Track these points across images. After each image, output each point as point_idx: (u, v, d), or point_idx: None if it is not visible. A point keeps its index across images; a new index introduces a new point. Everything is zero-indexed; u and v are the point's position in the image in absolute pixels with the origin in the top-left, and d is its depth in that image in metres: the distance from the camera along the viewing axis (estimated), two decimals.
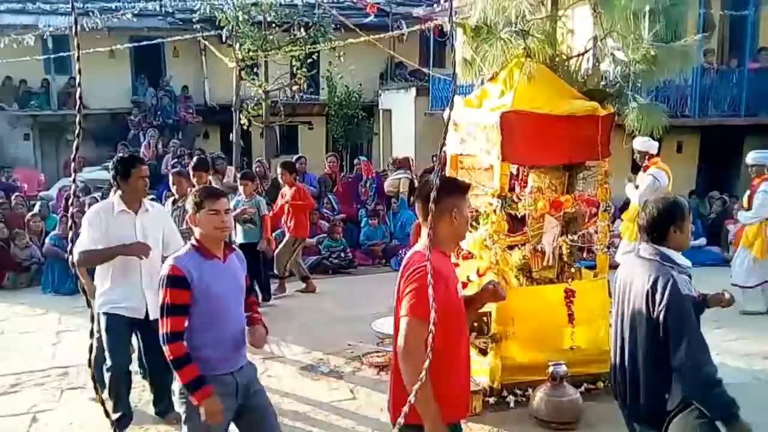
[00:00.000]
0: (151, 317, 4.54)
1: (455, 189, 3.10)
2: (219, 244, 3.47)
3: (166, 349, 3.29)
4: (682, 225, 3.29)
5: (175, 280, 3.30)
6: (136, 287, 4.65)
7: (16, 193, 12.64)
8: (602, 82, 5.87)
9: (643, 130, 5.56)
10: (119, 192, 4.69)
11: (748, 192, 8.20)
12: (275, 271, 8.96)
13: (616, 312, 3.37)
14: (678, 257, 3.28)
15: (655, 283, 3.10)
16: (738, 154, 14.39)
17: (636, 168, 8.91)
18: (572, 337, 5.45)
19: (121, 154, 4.88)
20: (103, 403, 3.27)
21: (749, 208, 8.01)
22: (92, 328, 1.97)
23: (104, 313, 4.64)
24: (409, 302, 2.86)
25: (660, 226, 3.28)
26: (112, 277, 4.64)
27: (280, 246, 9.02)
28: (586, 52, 5.78)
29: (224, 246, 3.52)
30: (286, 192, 9.04)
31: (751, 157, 8.11)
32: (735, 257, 8.39)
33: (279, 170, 9.28)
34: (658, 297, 3.07)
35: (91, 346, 1.93)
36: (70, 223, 3.58)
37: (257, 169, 11.76)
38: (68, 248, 4.76)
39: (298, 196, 8.95)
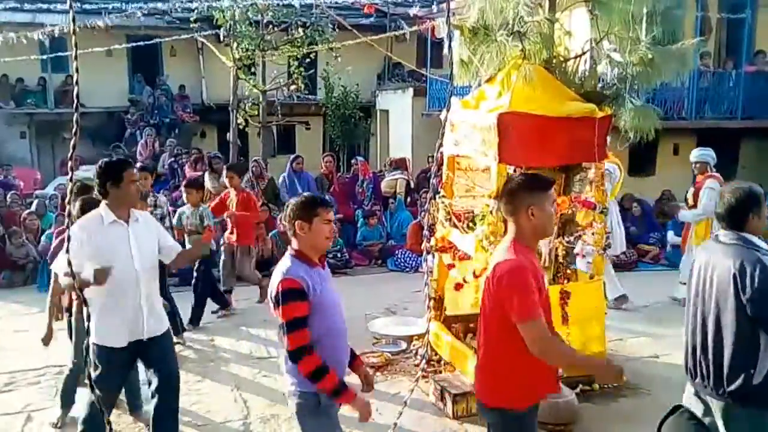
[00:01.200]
0: (146, 338, 4.16)
1: (535, 185, 3.16)
2: (321, 253, 3.44)
3: (299, 366, 3.21)
4: (759, 211, 3.37)
5: (294, 293, 3.18)
6: (135, 310, 4.11)
7: (12, 191, 12.61)
8: (599, 85, 5.88)
9: (638, 131, 5.58)
10: (106, 201, 4.11)
11: (692, 189, 8.21)
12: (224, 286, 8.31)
13: (695, 297, 3.42)
14: (759, 241, 3.35)
15: (742, 266, 3.15)
16: (734, 157, 14.45)
17: (633, 170, 8.92)
18: (567, 339, 5.45)
19: (106, 159, 4.27)
20: (98, 401, 3.29)
21: (694, 206, 8.05)
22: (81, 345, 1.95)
23: (97, 345, 4.07)
24: (519, 308, 2.96)
25: (739, 212, 3.35)
26: (107, 303, 4.06)
27: (223, 260, 8.34)
28: (584, 54, 5.79)
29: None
30: (232, 196, 8.32)
31: (695, 154, 8.19)
32: (684, 257, 8.36)
33: (226, 173, 8.60)
34: (747, 280, 3.12)
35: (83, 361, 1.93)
36: (67, 222, 3.34)
37: (254, 169, 11.75)
38: (65, 247, 4.48)
39: (243, 206, 8.24)
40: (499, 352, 3.12)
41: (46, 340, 5.05)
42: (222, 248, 8.48)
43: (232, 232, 8.28)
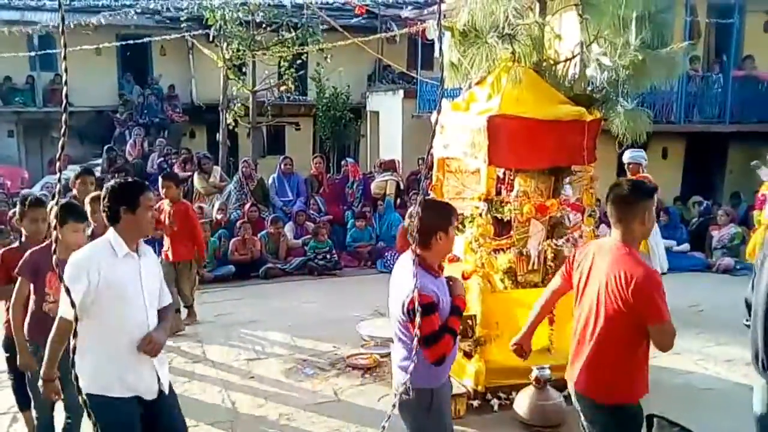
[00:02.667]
0: (155, 394, 3.56)
1: (649, 192, 3.33)
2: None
3: (435, 348, 3.26)
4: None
5: (430, 307, 3.22)
6: (144, 361, 3.48)
7: (0, 191, 12.53)
8: (589, 88, 5.91)
9: (628, 135, 5.60)
10: (115, 228, 3.47)
11: None
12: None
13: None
14: None
15: None
16: (722, 161, 14.55)
17: (622, 174, 8.97)
18: (550, 338, 5.47)
19: (120, 181, 3.63)
20: (85, 404, 3.27)
21: None
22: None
23: (99, 396, 3.35)
24: (660, 312, 3.14)
25: None
26: (114, 347, 3.42)
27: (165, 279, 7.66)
28: (573, 57, 5.81)
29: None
30: (166, 208, 7.46)
31: (627, 156, 8.26)
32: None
33: (162, 182, 7.59)
34: None
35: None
36: (54, 222, 3.15)
37: (243, 169, 11.73)
38: (53, 249, 4.06)
39: (180, 218, 7.41)
40: (622, 350, 3.25)
41: (27, 366, 4.30)
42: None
43: (168, 248, 7.47)
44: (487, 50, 5.61)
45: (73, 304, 2.31)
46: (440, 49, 4.13)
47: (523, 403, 5.05)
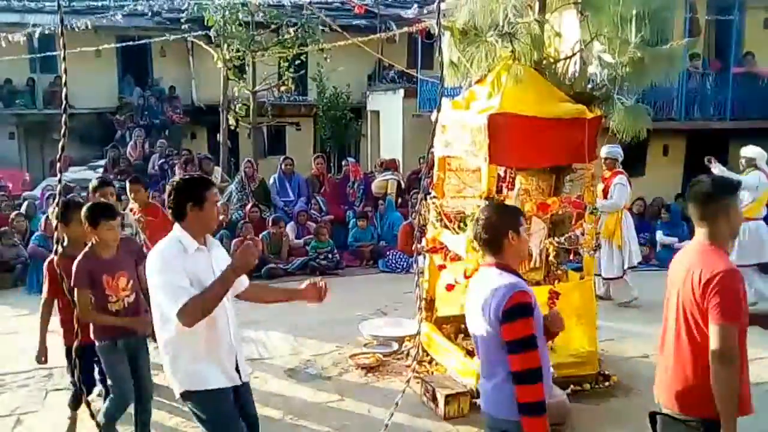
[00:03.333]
0: (241, 381, 3.58)
1: (732, 188, 3.19)
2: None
3: (529, 389, 2.88)
4: None
5: (528, 308, 2.95)
6: (230, 352, 3.51)
7: (2, 193, 12.54)
8: (589, 86, 5.91)
9: (628, 132, 5.60)
10: (181, 224, 3.43)
11: (601, 185, 8.25)
12: None
13: None
14: None
15: None
16: (723, 157, 14.52)
17: (624, 167, 8.96)
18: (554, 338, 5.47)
19: (185, 176, 3.63)
20: (88, 405, 3.28)
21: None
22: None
23: (202, 392, 3.40)
24: (721, 308, 2.90)
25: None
26: (205, 338, 3.38)
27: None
28: (573, 55, 5.81)
29: None
30: (136, 210, 7.14)
31: (604, 151, 8.24)
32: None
33: (129, 186, 7.25)
34: None
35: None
36: (56, 224, 3.18)
37: (246, 170, 11.73)
38: (53, 249, 4.17)
39: (150, 223, 6.97)
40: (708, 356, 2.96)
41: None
42: None
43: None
44: (487, 49, 5.61)
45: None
46: (440, 47, 4.12)
47: None
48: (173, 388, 3.49)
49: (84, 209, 4.36)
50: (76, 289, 4.19)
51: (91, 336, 4.37)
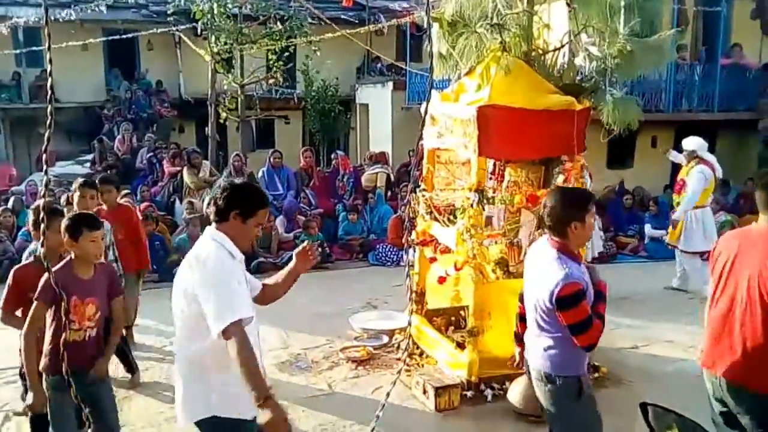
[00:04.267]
0: None
1: None
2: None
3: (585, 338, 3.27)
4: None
5: (579, 295, 3.24)
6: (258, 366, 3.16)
7: None
8: (578, 77, 5.91)
9: (618, 124, 5.60)
10: (224, 232, 3.16)
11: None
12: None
13: None
14: None
15: None
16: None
17: (612, 163, 9.02)
18: None
19: (246, 183, 3.47)
20: (76, 398, 3.25)
21: None
22: None
23: (236, 420, 3.12)
24: None
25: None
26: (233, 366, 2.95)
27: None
28: (562, 46, 5.80)
29: None
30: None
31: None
32: None
33: (100, 186, 6.40)
34: None
35: None
36: (42, 203, 2.96)
37: (235, 163, 11.68)
38: (40, 251, 3.73)
39: (122, 224, 6.49)
40: None
41: (37, 407, 3.83)
42: None
43: (116, 260, 6.14)
44: (476, 40, 5.60)
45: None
46: (429, 38, 4.10)
47: (516, 392, 5.06)
48: (187, 413, 3.16)
49: (64, 221, 3.88)
50: (36, 302, 3.70)
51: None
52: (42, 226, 2.55)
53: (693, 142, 8.38)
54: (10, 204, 11.19)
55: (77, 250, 3.82)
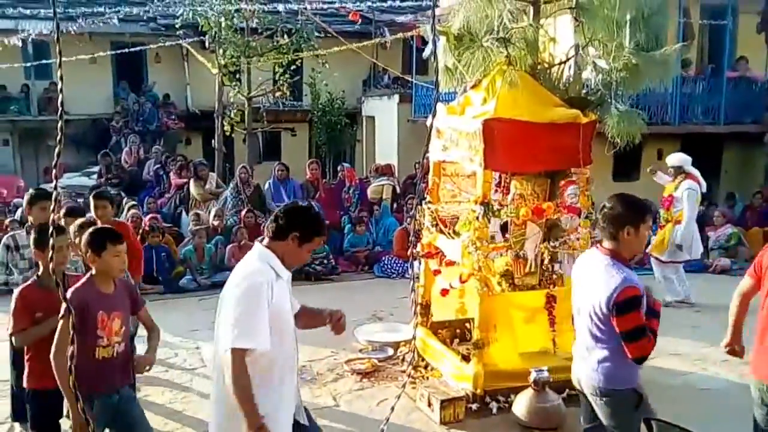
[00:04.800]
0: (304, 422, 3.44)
1: None
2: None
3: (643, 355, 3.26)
4: None
5: (636, 301, 3.24)
6: (296, 392, 3.41)
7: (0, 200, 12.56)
8: (584, 90, 5.92)
9: (623, 137, 5.61)
10: (274, 245, 3.25)
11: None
12: None
13: None
14: None
15: None
16: (717, 162, 14.59)
17: (617, 176, 9.04)
18: (553, 339, 5.48)
19: (308, 207, 3.52)
20: (79, 407, 3.25)
21: None
22: None
23: None
24: None
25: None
26: (273, 381, 3.17)
27: None
28: (568, 60, 5.82)
29: None
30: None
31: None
32: None
33: (95, 201, 6.05)
34: None
35: None
36: (51, 231, 2.94)
37: (241, 175, 11.72)
38: (49, 256, 3.65)
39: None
40: None
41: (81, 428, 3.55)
42: None
43: None
44: (482, 54, 5.62)
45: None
46: (433, 51, 4.12)
47: (522, 405, 5.05)
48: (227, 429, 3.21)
49: (86, 235, 3.79)
50: (62, 320, 3.36)
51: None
52: (51, 241, 2.49)
53: (677, 158, 8.44)
54: (17, 215, 11.24)
55: (100, 264, 3.69)
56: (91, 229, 3.88)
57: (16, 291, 4.01)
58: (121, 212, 10.39)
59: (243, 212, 10.94)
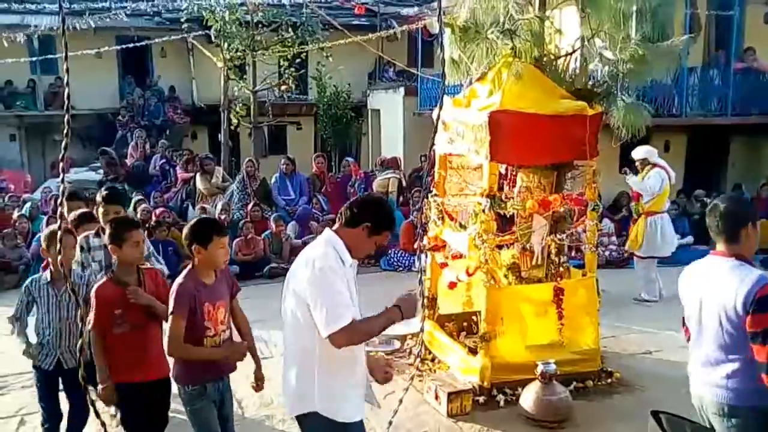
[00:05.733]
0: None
1: None
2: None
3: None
4: None
5: None
6: (366, 379, 3.44)
7: (9, 194, 12.60)
8: (590, 82, 5.90)
9: (629, 129, 5.59)
10: (344, 232, 3.29)
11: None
12: None
13: None
14: None
15: None
16: (725, 153, 14.53)
17: (624, 167, 9.02)
18: (561, 333, 5.48)
19: (385, 202, 3.61)
20: (92, 404, 3.28)
21: None
22: None
23: (340, 424, 3.20)
24: None
25: None
26: (345, 369, 3.25)
27: None
28: (574, 51, 5.81)
29: None
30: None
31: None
32: None
33: (104, 207, 5.06)
34: None
35: None
36: (59, 223, 2.95)
37: (247, 169, 11.74)
38: (58, 248, 3.77)
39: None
40: None
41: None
42: None
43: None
44: (488, 46, 5.61)
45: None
46: (441, 44, 4.11)
47: (529, 398, 5.05)
48: (294, 406, 3.33)
49: (188, 227, 3.78)
50: (173, 316, 3.58)
51: (171, 376, 3.80)
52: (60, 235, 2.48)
53: (642, 151, 8.44)
54: (24, 210, 11.30)
55: (206, 256, 3.70)
56: (196, 221, 3.87)
57: (92, 289, 3.98)
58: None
59: (249, 206, 10.96)
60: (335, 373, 3.18)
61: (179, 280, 3.70)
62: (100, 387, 3.83)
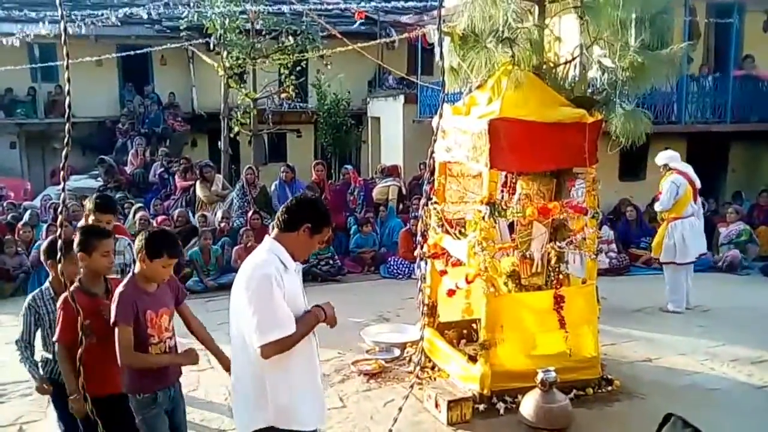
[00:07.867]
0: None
1: None
2: None
3: None
4: None
5: None
6: (320, 387, 3.47)
7: (8, 201, 12.60)
8: (589, 90, 5.91)
9: (628, 136, 5.60)
10: (283, 237, 3.29)
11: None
12: None
13: None
14: None
15: None
16: (724, 160, 14.55)
17: (624, 175, 9.02)
18: (566, 341, 5.47)
19: (321, 202, 3.70)
20: (92, 413, 3.27)
21: None
22: None
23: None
24: None
25: None
26: (300, 372, 3.24)
27: None
28: (573, 59, 5.82)
29: None
30: None
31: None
32: None
33: (96, 215, 5.03)
34: None
35: None
36: (59, 232, 2.93)
37: (247, 176, 11.74)
38: (58, 257, 3.54)
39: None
40: None
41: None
42: None
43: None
44: (487, 54, 5.62)
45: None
46: (440, 53, 4.13)
47: (529, 406, 5.04)
48: (249, 423, 3.23)
49: (143, 240, 3.69)
50: (118, 326, 3.53)
51: (122, 387, 3.73)
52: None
53: (663, 156, 8.47)
54: (26, 218, 11.30)
55: (148, 270, 3.68)
56: (150, 234, 3.75)
57: (61, 297, 3.92)
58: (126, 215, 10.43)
59: (249, 214, 10.96)
60: (287, 377, 3.16)
61: (120, 288, 3.67)
62: (70, 399, 3.78)
